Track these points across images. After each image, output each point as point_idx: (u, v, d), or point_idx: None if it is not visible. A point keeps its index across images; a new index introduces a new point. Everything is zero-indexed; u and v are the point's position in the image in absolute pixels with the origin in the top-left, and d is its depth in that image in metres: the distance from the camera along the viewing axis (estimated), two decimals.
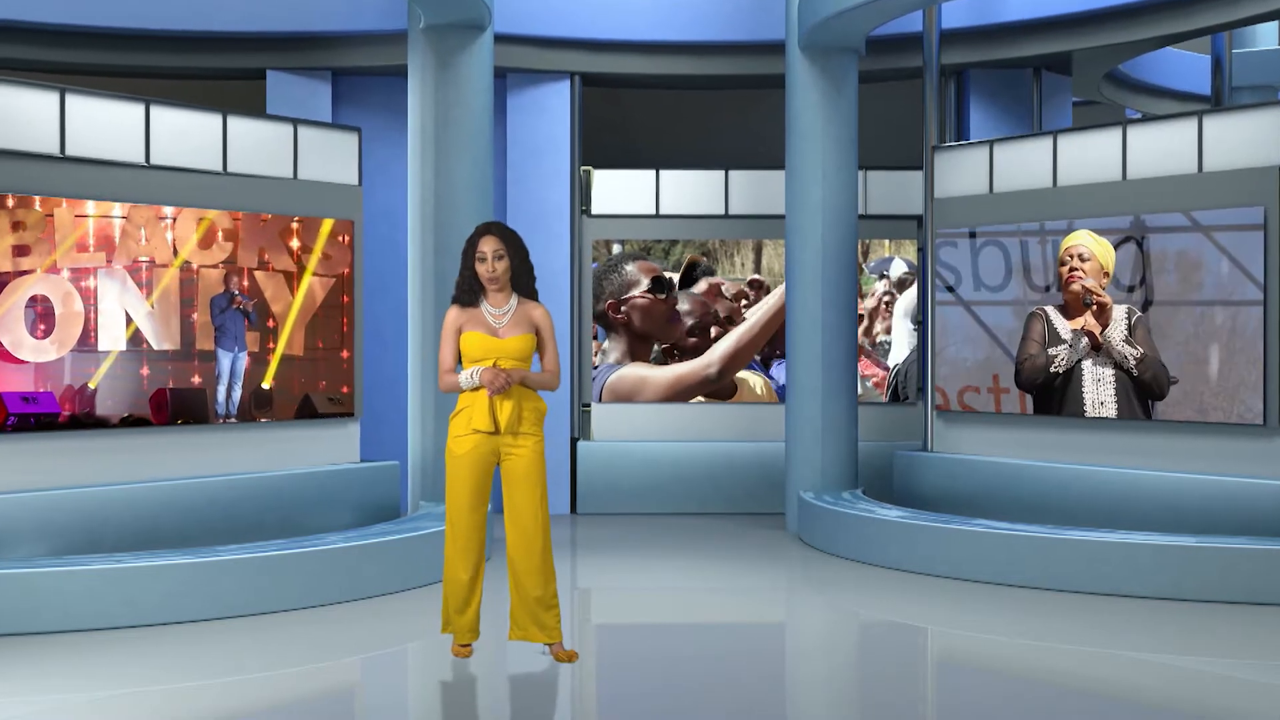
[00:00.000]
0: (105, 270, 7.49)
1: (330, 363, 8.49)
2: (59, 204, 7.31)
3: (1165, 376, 8.17)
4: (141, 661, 5.85)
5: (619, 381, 10.54)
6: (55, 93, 7.37)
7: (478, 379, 5.55)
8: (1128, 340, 8.21)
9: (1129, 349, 8.14)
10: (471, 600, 5.74)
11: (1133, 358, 8.20)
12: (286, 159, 8.33)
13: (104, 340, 7.49)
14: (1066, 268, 8.65)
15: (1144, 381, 8.30)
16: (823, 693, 5.67)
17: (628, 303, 10.64)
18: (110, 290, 7.51)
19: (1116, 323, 8.33)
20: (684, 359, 10.68)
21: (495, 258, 5.64)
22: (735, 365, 10.70)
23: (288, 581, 6.82)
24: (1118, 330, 8.28)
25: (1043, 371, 8.79)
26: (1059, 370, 8.63)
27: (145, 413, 7.59)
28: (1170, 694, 5.53)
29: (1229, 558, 7.00)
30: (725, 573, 8.23)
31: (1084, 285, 8.50)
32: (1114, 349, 8.28)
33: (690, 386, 10.69)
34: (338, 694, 5.66)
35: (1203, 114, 8.22)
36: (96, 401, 7.44)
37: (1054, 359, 8.48)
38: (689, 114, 12.23)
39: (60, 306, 7.32)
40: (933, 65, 9.62)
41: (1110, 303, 8.40)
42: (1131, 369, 8.29)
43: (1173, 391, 8.24)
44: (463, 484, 5.66)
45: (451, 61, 8.58)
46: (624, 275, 10.69)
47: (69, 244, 7.34)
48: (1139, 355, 8.16)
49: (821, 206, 9.26)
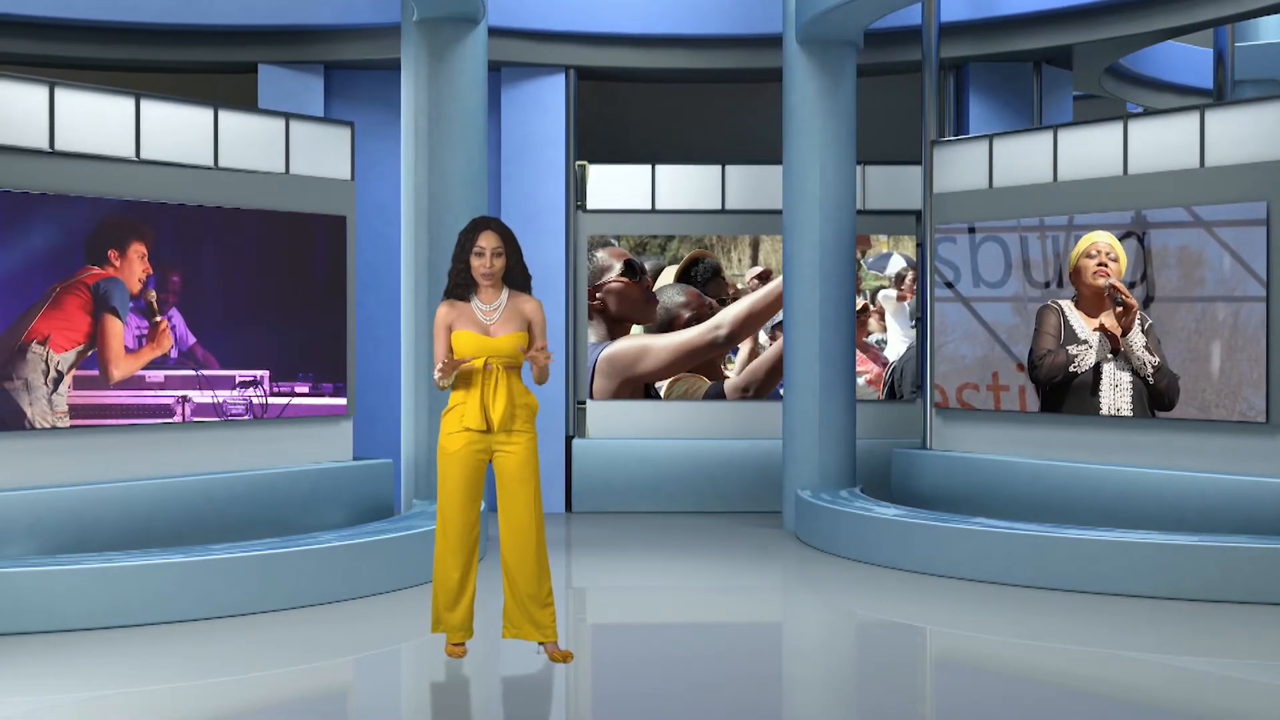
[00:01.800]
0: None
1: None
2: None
3: (1177, 386, 8.10)
4: (131, 662, 5.83)
5: (617, 354, 10.43)
6: (45, 87, 7.33)
7: (444, 380, 5.49)
8: (1147, 348, 8.14)
9: (1148, 356, 8.08)
10: (462, 599, 5.70)
11: (1151, 365, 8.13)
12: (278, 153, 8.30)
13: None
14: (1095, 261, 8.54)
15: (1158, 390, 8.23)
16: (820, 693, 5.65)
17: (603, 288, 10.60)
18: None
19: (1136, 329, 8.27)
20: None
21: (494, 254, 5.60)
22: (746, 331, 10.59)
23: (280, 581, 6.79)
24: (1138, 336, 8.21)
25: (1062, 369, 8.70)
26: (1077, 370, 8.56)
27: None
28: (1171, 694, 5.51)
29: (1230, 557, 6.98)
30: (722, 572, 8.21)
31: (1113, 283, 8.40)
32: (1134, 355, 8.20)
33: (696, 351, 10.56)
34: (330, 695, 5.63)
35: (1205, 108, 8.19)
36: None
37: (1074, 358, 8.40)
38: (685, 108, 12.20)
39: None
40: (932, 59, 9.58)
41: (1136, 306, 8.30)
42: (1148, 376, 8.20)
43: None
44: (454, 482, 5.62)
45: (445, 55, 8.55)
46: (596, 262, 10.67)
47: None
48: (1157, 363, 8.10)
49: (819, 201, 9.22)
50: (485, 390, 5.57)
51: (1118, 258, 8.46)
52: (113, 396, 7.55)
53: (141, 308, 7.63)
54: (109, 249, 7.47)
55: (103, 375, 7.49)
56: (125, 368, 7.57)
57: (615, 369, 10.55)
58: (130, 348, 7.62)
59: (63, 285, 7.33)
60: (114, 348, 7.54)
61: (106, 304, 7.49)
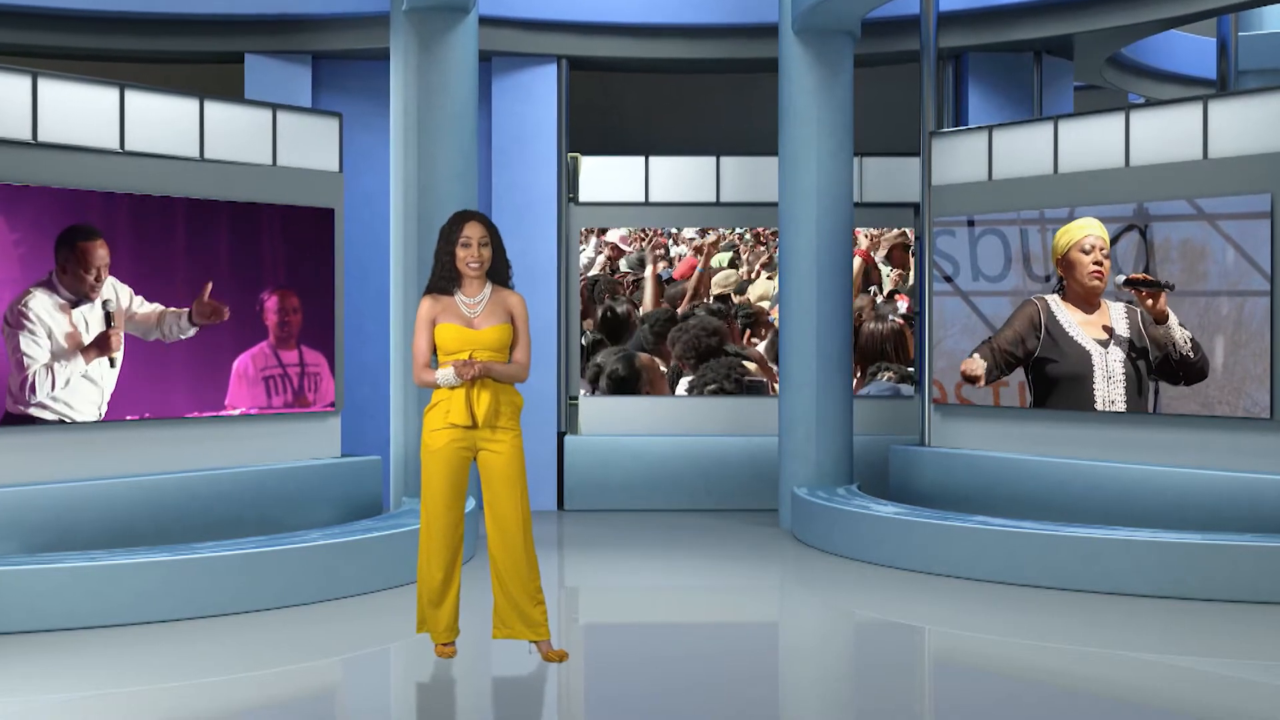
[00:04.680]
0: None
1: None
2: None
3: (1207, 359, 7.96)
4: (115, 663, 5.79)
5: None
6: (27, 76, 7.25)
7: (454, 378, 5.47)
8: (1182, 324, 8.02)
9: (1186, 333, 7.95)
10: (446, 598, 5.67)
11: (1189, 340, 7.99)
12: (265, 145, 8.25)
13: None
14: (1090, 259, 8.43)
15: (1195, 364, 8.04)
16: (816, 694, 5.60)
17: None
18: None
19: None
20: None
21: (481, 244, 5.59)
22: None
23: (266, 580, 6.76)
24: (1173, 316, 8.10)
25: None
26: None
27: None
28: (1173, 695, 5.48)
29: (1234, 555, 6.94)
30: (717, 571, 8.18)
31: (1129, 275, 8.28)
32: (1175, 336, 8.05)
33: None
34: (317, 695, 5.59)
35: (1208, 99, 8.14)
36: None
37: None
38: (679, 99, 12.16)
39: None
40: (930, 48, 9.53)
41: (1165, 288, 8.15)
42: (1189, 353, 8.04)
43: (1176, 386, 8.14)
44: (439, 480, 5.59)
45: (435, 45, 8.52)
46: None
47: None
48: (1192, 338, 7.97)
49: (816, 194, 9.18)
50: (470, 386, 5.53)
51: (1108, 253, 8.37)
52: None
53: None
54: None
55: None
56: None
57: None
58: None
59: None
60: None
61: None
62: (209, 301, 7.47)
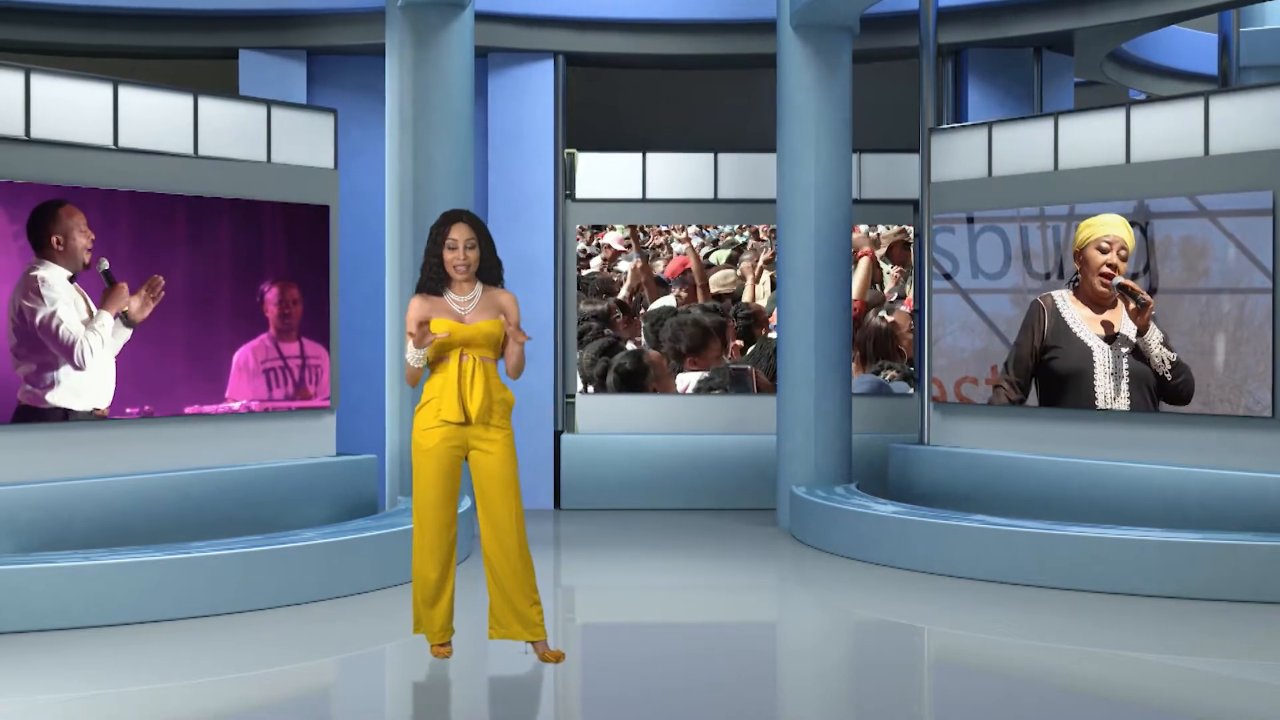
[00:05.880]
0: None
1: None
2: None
3: (1193, 384, 7.95)
4: (110, 663, 5.77)
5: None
6: (20, 73, 7.23)
7: (414, 350, 5.38)
8: (1165, 343, 8.00)
9: (1166, 353, 7.94)
10: (441, 598, 5.64)
11: (1168, 361, 7.99)
12: (260, 141, 8.24)
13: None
14: (1105, 258, 8.39)
15: (1174, 387, 8.06)
16: (815, 694, 5.59)
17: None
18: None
19: (1153, 326, 8.14)
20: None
21: (467, 246, 5.56)
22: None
23: (261, 579, 6.74)
24: (1155, 333, 8.08)
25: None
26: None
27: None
28: (1173, 695, 5.47)
29: (1235, 554, 6.91)
30: (714, 570, 8.17)
31: (1121, 280, 8.25)
32: (1152, 352, 8.05)
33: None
34: (312, 696, 5.58)
35: (1209, 95, 8.13)
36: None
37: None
38: (677, 95, 12.15)
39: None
40: (929, 44, 9.52)
41: (1152, 303, 8.14)
42: (1167, 374, 8.05)
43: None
44: (431, 479, 5.55)
45: (430, 40, 8.49)
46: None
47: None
48: (1174, 359, 7.96)
49: (814, 190, 9.15)
50: (462, 382, 5.50)
51: (1128, 255, 8.32)
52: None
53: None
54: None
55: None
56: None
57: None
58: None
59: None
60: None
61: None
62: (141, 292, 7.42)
